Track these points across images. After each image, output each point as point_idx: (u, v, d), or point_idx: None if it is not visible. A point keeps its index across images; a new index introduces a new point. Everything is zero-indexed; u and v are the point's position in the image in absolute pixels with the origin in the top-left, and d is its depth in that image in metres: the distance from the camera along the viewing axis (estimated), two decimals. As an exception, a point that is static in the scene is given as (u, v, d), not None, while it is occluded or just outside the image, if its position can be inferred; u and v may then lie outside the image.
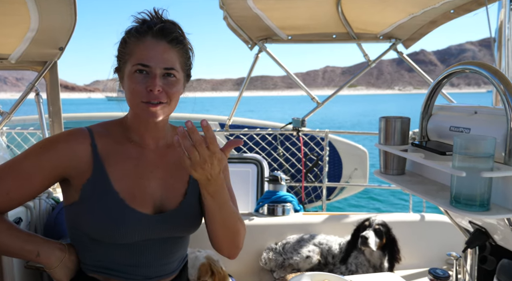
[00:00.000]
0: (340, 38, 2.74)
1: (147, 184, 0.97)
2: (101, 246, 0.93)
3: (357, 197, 7.74)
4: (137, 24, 0.95)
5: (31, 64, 1.88)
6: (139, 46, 0.91)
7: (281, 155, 4.14)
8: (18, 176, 0.88)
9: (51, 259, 0.92)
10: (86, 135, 0.94)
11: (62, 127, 2.03)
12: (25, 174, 0.89)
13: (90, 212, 0.91)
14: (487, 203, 0.84)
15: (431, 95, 1.20)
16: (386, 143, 1.16)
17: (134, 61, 0.90)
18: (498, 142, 0.87)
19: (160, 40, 0.92)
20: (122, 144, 0.97)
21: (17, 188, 0.89)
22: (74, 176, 0.92)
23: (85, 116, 5.26)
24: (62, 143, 0.92)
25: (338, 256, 2.08)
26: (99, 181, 0.92)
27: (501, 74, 0.90)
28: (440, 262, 2.39)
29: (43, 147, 0.91)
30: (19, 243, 0.90)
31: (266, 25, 2.56)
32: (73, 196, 0.94)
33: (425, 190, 1.03)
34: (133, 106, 0.94)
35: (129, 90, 0.92)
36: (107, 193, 0.92)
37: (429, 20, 2.40)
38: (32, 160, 0.90)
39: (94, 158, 0.93)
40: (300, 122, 3.11)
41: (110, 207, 0.91)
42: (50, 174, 0.91)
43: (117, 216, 0.91)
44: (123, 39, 0.94)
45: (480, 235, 1.08)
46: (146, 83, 0.90)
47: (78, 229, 0.94)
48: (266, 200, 2.53)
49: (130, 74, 0.91)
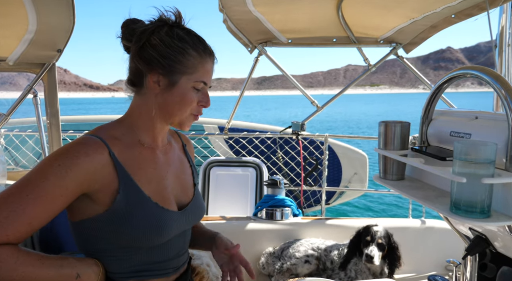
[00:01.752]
0: (341, 42, 2.73)
1: (167, 183, 1.00)
2: (133, 252, 0.94)
3: (356, 202, 7.72)
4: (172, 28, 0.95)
5: (29, 66, 1.87)
6: (203, 64, 0.96)
7: (280, 159, 4.12)
8: (39, 202, 0.80)
9: (91, 277, 0.89)
10: (101, 144, 0.90)
11: (60, 129, 2.02)
12: (49, 199, 0.81)
13: (129, 222, 0.89)
14: (488, 210, 0.83)
15: (432, 100, 1.19)
16: (386, 148, 1.15)
17: (197, 78, 0.95)
18: (499, 148, 0.86)
19: (213, 62, 1.00)
20: (134, 148, 0.96)
21: (40, 215, 0.81)
22: (98, 190, 0.88)
23: (84, 118, 5.24)
24: (83, 158, 0.85)
25: (337, 261, 2.06)
26: (130, 189, 0.91)
27: (502, 79, 0.89)
28: (439, 269, 2.37)
29: (62, 164, 0.82)
30: (54, 270, 0.83)
31: (266, 29, 2.56)
32: (94, 210, 0.89)
33: (424, 196, 1.01)
34: (180, 116, 0.97)
35: (183, 102, 0.95)
36: (142, 201, 0.92)
37: (430, 24, 2.40)
38: (54, 182, 0.81)
39: (116, 167, 0.90)
40: (300, 126, 3.10)
41: (149, 213, 0.92)
42: (74, 194, 0.85)
43: (157, 221, 0.93)
44: (182, 48, 0.93)
45: (480, 242, 1.06)
46: (200, 98, 0.97)
47: (106, 241, 0.91)
48: (265, 204, 2.51)
49: (188, 87, 0.95)
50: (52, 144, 2.04)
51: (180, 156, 1.11)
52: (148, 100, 0.96)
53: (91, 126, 1.00)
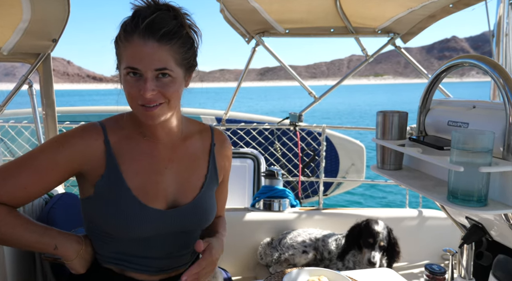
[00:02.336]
0: (338, 32, 2.71)
1: (160, 179, 0.97)
2: (115, 239, 0.96)
3: (354, 192, 7.76)
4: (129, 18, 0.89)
5: (24, 56, 1.85)
6: (127, 48, 0.85)
7: (278, 150, 4.13)
8: (34, 171, 0.89)
9: (69, 251, 0.93)
10: (100, 130, 0.95)
11: (56, 121, 2.00)
12: (42, 169, 0.89)
13: (104, 209, 0.93)
14: (485, 199, 0.83)
15: (429, 89, 1.18)
16: (384, 138, 1.15)
17: (124, 64, 0.86)
18: (497, 136, 0.86)
19: (148, 39, 0.84)
20: (135, 140, 0.97)
21: (34, 183, 0.89)
22: (88, 172, 0.93)
23: (80, 109, 5.20)
24: (77, 139, 0.92)
25: (334, 252, 2.08)
26: (113, 178, 0.93)
27: (500, 67, 0.89)
28: (436, 258, 2.39)
29: (58, 141, 0.92)
30: (35, 236, 0.90)
31: (263, 19, 2.53)
32: (88, 191, 0.95)
33: (422, 185, 1.02)
34: (133, 108, 0.93)
35: (125, 93, 0.91)
36: (120, 190, 0.93)
37: (428, 14, 2.38)
38: (48, 155, 0.90)
39: (107, 155, 0.93)
40: (297, 117, 3.10)
41: (123, 204, 0.92)
42: (65, 170, 0.91)
43: (129, 214, 0.92)
44: (115, 39, 0.89)
45: (476, 230, 1.07)
46: (139, 87, 0.86)
47: (94, 222, 0.97)
48: (263, 195, 2.52)
49: (124, 77, 0.88)
50: (48, 135, 2.03)
51: (197, 154, 1.04)
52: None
53: (87, 117, 1.02)
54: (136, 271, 0.98)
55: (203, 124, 1.12)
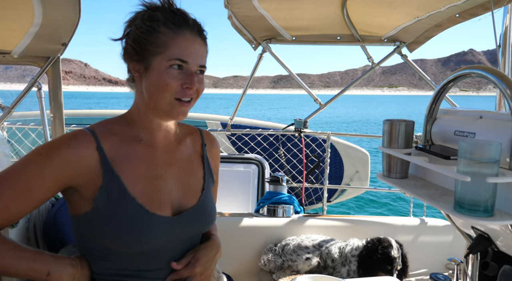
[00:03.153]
0: (345, 39, 2.73)
1: (162, 184, 0.92)
2: (117, 255, 0.88)
3: (358, 200, 7.73)
4: (154, 12, 0.86)
5: (34, 59, 1.88)
6: (176, 39, 0.84)
7: (283, 156, 4.13)
8: (17, 188, 0.79)
9: (63, 277, 0.84)
10: (90, 137, 0.85)
11: (64, 123, 2.03)
12: (25, 185, 0.79)
13: (108, 223, 0.84)
14: (491, 209, 0.83)
15: (436, 99, 1.19)
16: (390, 146, 1.15)
17: (171, 56, 0.84)
18: (503, 147, 0.86)
19: (197, 36, 0.88)
20: (130, 144, 0.90)
21: (17, 201, 0.79)
22: (82, 185, 0.84)
23: (87, 113, 5.26)
24: (65, 149, 0.81)
25: (338, 260, 2.07)
26: (113, 188, 0.85)
27: (507, 78, 0.89)
28: (441, 267, 2.38)
29: (43, 154, 0.81)
30: (26, 263, 0.80)
31: (270, 25, 2.56)
32: (82, 206, 0.86)
33: (428, 194, 1.02)
34: (161, 102, 0.87)
35: (159, 85, 0.85)
36: (124, 200, 0.85)
37: (434, 23, 2.39)
38: (32, 170, 0.80)
39: (103, 163, 0.84)
40: (302, 123, 3.11)
41: (130, 215, 0.85)
42: (53, 185, 0.81)
43: (139, 224, 0.85)
44: (151, 27, 0.85)
45: (482, 240, 1.07)
46: (182, 80, 0.86)
47: (92, 240, 0.87)
48: (267, 201, 2.52)
49: (164, 69, 0.85)
50: (56, 137, 2.05)
51: (192, 156, 1.02)
52: (138, 93, 0.92)
53: (94, 120, 0.98)
54: None
55: (191, 126, 1.09)
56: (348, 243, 2.09)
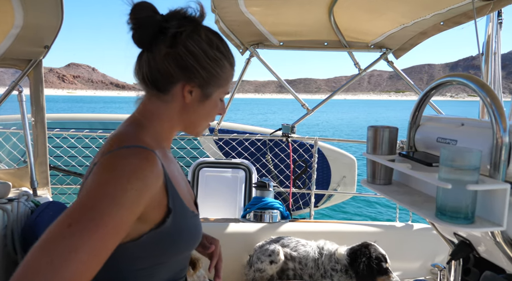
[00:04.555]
0: (332, 45, 2.75)
1: (186, 189, 0.96)
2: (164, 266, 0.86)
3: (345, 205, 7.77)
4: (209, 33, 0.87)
5: (15, 62, 1.84)
6: (232, 76, 0.94)
7: (270, 161, 4.12)
8: (118, 232, 0.69)
9: None
10: (155, 156, 0.79)
11: (46, 127, 1.98)
12: (124, 226, 0.70)
13: (177, 235, 0.83)
14: (472, 216, 0.84)
15: (420, 106, 1.20)
16: (374, 153, 1.16)
17: (226, 90, 0.93)
18: (484, 154, 0.87)
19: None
20: (164, 156, 0.87)
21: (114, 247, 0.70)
22: (153, 206, 0.78)
23: (70, 117, 5.13)
24: (151, 177, 0.76)
25: (317, 273, 2.04)
26: (176, 203, 0.83)
27: (488, 87, 0.90)
28: (425, 272, 2.39)
29: (135, 189, 0.71)
30: None
31: (257, 30, 2.56)
32: (138, 229, 0.78)
33: (411, 201, 1.02)
34: (200, 126, 0.94)
35: (210, 113, 0.92)
36: (186, 212, 0.86)
37: (420, 31, 2.43)
38: (130, 208, 0.71)
39: (166, 180, 0.81)
40: (290, 128, 3.11)
41: (190, 223, 0.89)
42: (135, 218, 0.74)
43: (196, 230, 0.92)
44: (220, 60, 0.87)
45: (464, 247, 1.08)
46: (221, 108, 0.95)
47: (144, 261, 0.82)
48: (253, 206, 2.51)
49: (217, 100, 0.92)
50: (37, 142, 2.00)
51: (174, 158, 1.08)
52: (173, 108, 0.88)
53: (77, 124, 0.95)
54: None
55: None
56: (324, 253, 2.06)
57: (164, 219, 0.80)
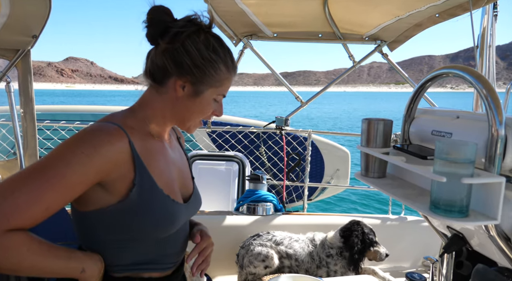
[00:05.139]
0: (326, 37, 2.72)
1: (174, 176, 1.01)
2: (139, 244, 0.94)
3: (338, 198, 7.81)
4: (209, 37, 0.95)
5: (3, 51, 1.79)
6: (228, 79, 0.99)
7: (264, 154, 4.11)
8: (60, 190, 0.79)
9: (95, 272, 0.89)
10: (122, 132, 0.88)
11: (35, 119, 1.94)
12: (68, 185, 0.80)
13: (141, 213, 0.89)
14: (466, 210, 0.83)
15: (414, 98, 1.19)
16: (368, 146, 1.14)
17: (220, 92, 0.98)
18: (479, 147, 0.86)
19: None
20: (148, 140, 0.96)
21: (57, 201, 0.80)
22: (115, 180, 0.87)
23: (60, 108, 5.05)
24: (107, 147, 0.84)
25: (310, 253, 2.05)
26: (145, 181, 0.90)
27: (484, 79, 0.89)
28: (417, 265, 2.41)
29: (85, 152, 0.81)
30: (62, 262, 0.83)
31: (251, 21, 2.52)
32: (106, 200, 0.88)
33: (404, 194, 1.01)
34: (190, 121, 0.99)
35: (201, 111, 0.98)
36: (156, 192, 0.92)
37: (415, 23, 2.41)
38: (76, 170, 0.80)
39: (134, 158, 0.89)
40: (284, 121, 3.09)
41: (161, 205, 0.92)
42: (92, 181, 0.84)
43: (168, 213, 0.94)
44: (215, 62, 0.95)
45: (457, 240, 1.07)
46: (215, 109, 1.01)
47: (117, 232, 0.91)
48: (247, 199, 2.50)
49: (210, 99, 0.98)
50: (27, 133, 1.96)
51: (178, 148, 1.12)
52: (166, 99, 0.96)
53: (68, 116, 0.95)
54: (153, 271, 0.99)
55: None
56: (316, 243, 2.07)
57: (128, 193, 0.88)
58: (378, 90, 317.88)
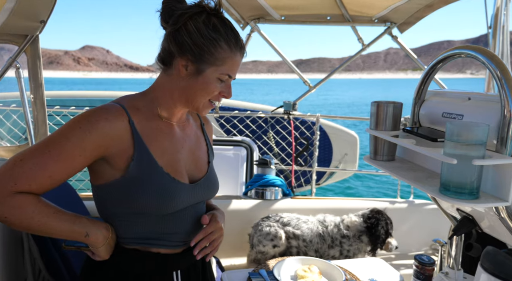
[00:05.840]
0: (335, 20, 2.67)
1: (180, 157, 1.04)
2: (145, 219, 0.99)
3: (346, 182, 7.81)
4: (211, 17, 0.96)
5: (11, 37, 1.79)
6: (231, 58, 0.98)
7: (272, 139, 4.11)
8: (60, 160, 0.88)
9: (99, 238, 0.96)
10: (122, 111, 0.95)
11: (45, 104, 1.96)
12: (68, 156, 0.89)
13: (141, 188, 0.95)
14: (477, 192, 0.83)
15: (425, 81, 1.17)
16: (377, 128, 1.14)
17: (223, 71, 0.98)
18: (491, 129, 0.85)
19: (242, 57, 1.03)
20: (153, 121, 1.01)
21: (59, 170, 0.89)
22: (115, 155, 0.94)
23: (69, 94, 5.09)
24: (103, 122, 0.91)
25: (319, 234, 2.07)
26: (144, 158, 0.96)
27: (497, 59, 0.87)
28: (426, 247, 2.42)
29: (83, 127, 0.90)
30: (68, 225, 0.92)
31: (258, 4, 2.48)
32: (112, 175, 0.96)
33: (414, 177, 1.01)
34: (197, 101, 1.00)
35: (204, 90, 0.98)
36: (154, 169, 0.97)
37: (426, 3, 2.35)
38: (74, 142, 0.89)
39: (134, 135, 0.95)
40: (292, 105, 3.08)
41: (159, 181, 0.97)
42: (91, 155, 0.92)
43: (167, 190, 0.97)
44: (215, 40, 0.96)
45: (467, 222, 1.07)
46: (223, 90, 1.01)
47: (122, 206, 0.98)
48: (255, 183, 2.51)
49: (213, 78, 0.98)
50: (37, 119, 1.98)
51: (197, 133, 1.16)
52: (173, 80, 1.00)
53: (77, 101, 0.98)
54: (161, 247, 1.03)
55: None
56: (328, 224, 2.09)
57: (127, 168, 0.94)
58: (395, 76, 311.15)
